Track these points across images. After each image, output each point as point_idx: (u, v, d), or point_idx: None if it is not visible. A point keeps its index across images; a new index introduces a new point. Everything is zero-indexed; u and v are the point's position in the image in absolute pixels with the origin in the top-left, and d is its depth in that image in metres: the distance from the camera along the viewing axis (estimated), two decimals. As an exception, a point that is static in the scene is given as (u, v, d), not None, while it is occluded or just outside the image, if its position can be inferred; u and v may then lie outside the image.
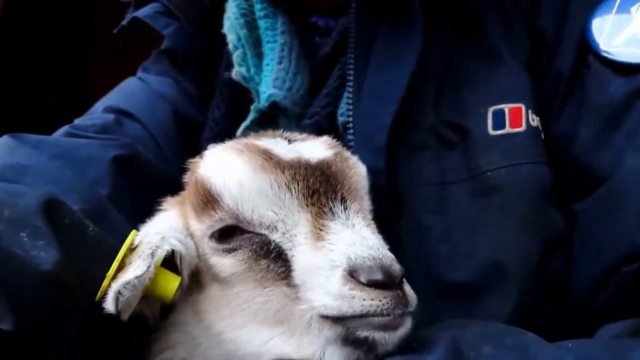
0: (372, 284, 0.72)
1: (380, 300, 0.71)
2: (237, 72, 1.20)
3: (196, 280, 0.87)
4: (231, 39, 1.23)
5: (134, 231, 0.81)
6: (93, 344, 0.84)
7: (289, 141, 0.91)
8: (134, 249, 0.79)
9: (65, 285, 0.75)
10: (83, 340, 0.82)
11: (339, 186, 0.84)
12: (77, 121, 1.22)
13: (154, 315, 0.85)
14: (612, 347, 0.80)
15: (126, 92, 1.32)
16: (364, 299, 0.71)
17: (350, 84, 1.09)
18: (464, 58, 1.10)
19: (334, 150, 0.91)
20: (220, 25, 1.26)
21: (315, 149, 0.90)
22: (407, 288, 0.75)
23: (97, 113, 1.26)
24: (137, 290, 0.73)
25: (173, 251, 0.80)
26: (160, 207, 0.93)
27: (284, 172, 0.82)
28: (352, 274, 0.73)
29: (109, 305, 0.73)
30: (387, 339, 0.73)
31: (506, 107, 1.04)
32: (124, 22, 1.34)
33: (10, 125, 1.18)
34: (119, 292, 0.72)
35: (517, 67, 1.08)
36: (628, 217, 0.92)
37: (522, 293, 0.98)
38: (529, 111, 1.04)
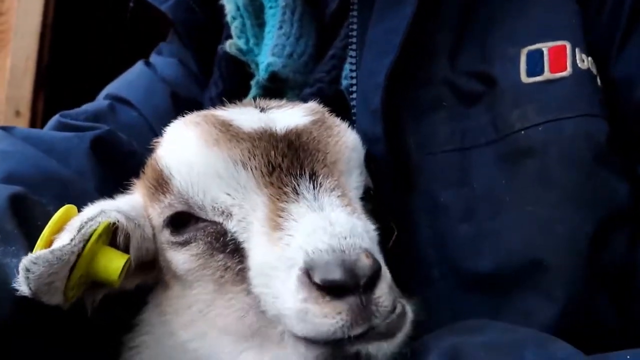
0: (328, 286, 0.56)
1: (333, 318, 0.56)
2: (231, 43, 1.11)
3: (161, 277, 0.77)
4: (230, 9, 1.13)
5: (67, 206, 0.70)
6: (71, 344, 0.78)
7: (262, 109, 0.77)
8: None
9: None
10: (59, 342, 0.76)
11: (309, 159, 0.69)
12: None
13: (94, 304, 0.73)
14: None
15: (129, 78, 1.29)
16: (315, 315, 0.56)
17: (354, 40, 0.94)
18: None
19: (314, 116, 0.76)
20: None
21: (291, 116, 0.75)
22: (380, 290, 0.58)
23: (100, 99, 1.22)
24: (54, 268, 0.61)
25: (117, 228, 0.69)
26: (128, 190, 0.83)
27: (239, 145, 0.68)
28: (309, 273, 0.58)
29: (20, 285, 0.62)
30: (385, 348, 0.59)
31: (545, 47, 0.85)
32: (131, 3, 1.28)
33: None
34: (26, 269, 0.61)
35: None
36: None
37: (571, 287, 0.77)
38: (577, 50, 0.84)
